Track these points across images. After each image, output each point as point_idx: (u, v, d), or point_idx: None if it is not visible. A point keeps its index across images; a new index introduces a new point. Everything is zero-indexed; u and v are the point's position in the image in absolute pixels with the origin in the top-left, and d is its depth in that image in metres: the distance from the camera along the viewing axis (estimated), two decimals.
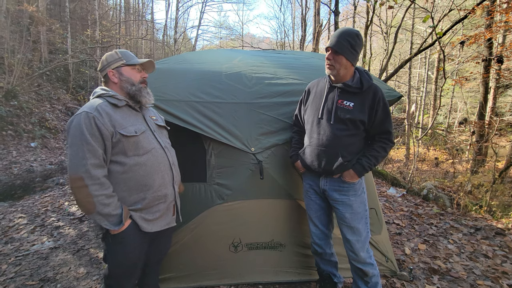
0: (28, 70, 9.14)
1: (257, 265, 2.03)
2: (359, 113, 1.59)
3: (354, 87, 1.61)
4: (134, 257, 1.34)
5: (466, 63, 10.02)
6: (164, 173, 1.40)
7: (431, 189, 4.34)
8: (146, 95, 1.42)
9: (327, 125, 1.64)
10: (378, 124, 1.62)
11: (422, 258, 2.48)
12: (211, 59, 2.42)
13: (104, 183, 1.21)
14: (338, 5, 7.55)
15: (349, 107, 1.60)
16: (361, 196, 1.70)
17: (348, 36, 1.57)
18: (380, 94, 1.61)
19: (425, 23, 8.64)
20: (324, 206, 1.79)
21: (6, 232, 3.13)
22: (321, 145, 1.66)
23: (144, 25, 18.57)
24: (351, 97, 1.62)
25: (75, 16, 13.90)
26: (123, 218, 1.24)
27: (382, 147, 1.63)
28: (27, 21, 9.87)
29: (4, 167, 6.24)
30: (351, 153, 1.63)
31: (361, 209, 1.68)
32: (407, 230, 3.09)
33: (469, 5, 7.23)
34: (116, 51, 1.43)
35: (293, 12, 18.75)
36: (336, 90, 1.66)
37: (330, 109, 1.65)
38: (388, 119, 1.62)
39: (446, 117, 15.18)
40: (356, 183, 1.67)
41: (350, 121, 1.59)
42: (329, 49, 1.60)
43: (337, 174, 1.66)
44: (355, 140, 1.64)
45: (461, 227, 3.14)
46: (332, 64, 1.60)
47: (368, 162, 1.61)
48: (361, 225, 1.67)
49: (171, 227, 1.49)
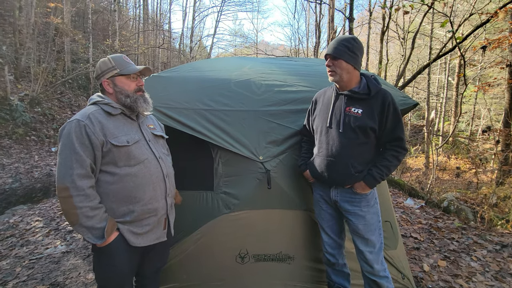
0: (52, 79, 9.62)
1: (265, 277, 1.96)
2: (369, 119, 1.53)
3: (362, 93, 1.56)
4: (122, 270, 1.29)
5: (489, 69, 9.58)
6: (156, 185, 1.34)
7: (452, 200, 4.10)
8: (143, 104, 1.37)
9: (336, 134, 1.60)
10: (389, 131, 1.55)
11: (442, 276, 2.31)
12: (221, 67, 2.42)
13: (89, 195, 1.18)
14: (352, 12, 7.46)
15: (358, 114, 1.56)
16: (374, 206, 1.64)
17: (343, 41, 1.56)
18: (390, 99, 1.55)
19: (444, 28, 8.39)
20: (335, 216, 1.74)
21: (23, 235, 3.23)
22: (330, 155, 1.61)
23: (161, 35, 19.18)
24: (359, 104, 1.57)
25: (97, 27, 14.59)
26: (106, 232, 1.19)
27: (394, 155, 1.56)
28: (53, 32, 10.44)
29: (26, 170, 6.52)
30: (361, 163, 1.57)
31: (374, 220, 1.63)
32: (425, 244, 2.92)
33: (491, 8, 6.94)
34: (110, 58, 1.37)
35: (307, 19, 18.76)
36: (343, 98, 1.62)
37: (338, 117, 1.61)
38: (400, 125, 1.56)
39: (468, 124, 14.52)
40: (368, 194, 1.61)
41: (359, 129, 1.54)
42: (327, 56, 1.60)
43: (348, 185, 1.60)
44: (366, 149, 1.58)
45: (486, 243, 2.93)
46: (333, 69, 1.58)
47: (379, 173, 1.54)
48: (374, 236, 1.62)
49: (163, 242, 1.43)
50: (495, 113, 12.54)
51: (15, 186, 5.78)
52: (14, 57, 8.99)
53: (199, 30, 23.35)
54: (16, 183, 5.89)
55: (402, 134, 1.56)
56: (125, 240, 1.27)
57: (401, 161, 1.60)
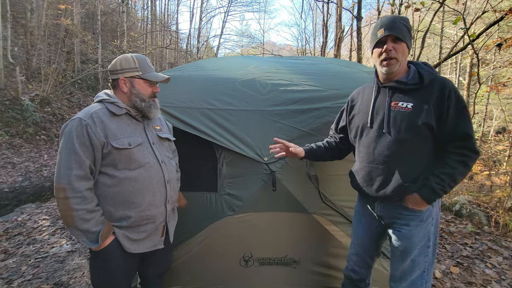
0: (62, 79, 9.78)
1: (269, 281, 1.91)
2: (423, 114, 1.21)
3: (411, 83, 1.25)
4: (117, 275, 1.25)
5: (503, 68, 9.30)
6: (156, 191, 1.29)
7: (465, 204, 3.96)
8: (154, 110, 1.36)
9: (379, 135, 1.30)
10: (452, 127, 1.20)
11: (455, 284, 2.22)
12: (226, 66, 2.38)
13: (86, 197, 1.15)
14: (360, 11, 7.34)
15: (407, 109, 1.24)
16: (427, 227, 1.29)
17: (402, 20, 1.25)
18: (451, 86, 1.22)
19: (456, 27, 8.17)
20: (375, 236, 1.46)
21: (30, 234, 3.26)
22: (372, 161, 1.32)
23: (168, 35, 19.34)
24: (408, 96, 1.26)
25: (106, 28, 14.80)
26: (100, 236, 1.16)
27: (460, 161, 1.20)
28: (63, 34, 10.63)
29: (36, 169, 6.64)
30: (415, 171, 1.25)
31: (422, 244, 1.29)
32: (437, 250, 2.82)
33: (505, 6, 6.72)
34: (133, 57, 1.32)
35: (314, 19, 18.64)
36: (387, 91, 1.31)
37: (381, 114, 1.31)
38: (466, 119, 1.20)
39: (480, 125, 14.15)
40: (424, 211, 1.27)
41: (411, 127, 1.23)
42: (389, 37, 1.23)
43: (397, 199, 1.29)
44: (420, 152, 1.26)
45: (501, 249, 2.80)
46: (394, 56, 1.23)
47: (440, 184, 1.19)
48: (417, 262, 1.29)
49: (160, 249, 1.37)
50: (509, 113, 12.18)
51: (25, 184, 5.88)
52: (25, 58, 9.19)
53: (206, 30, 23.50)
54: (26, 181, 5.99)
55: (470, 131, 1.21)
56: (121, 245, 1.23)
57: (470, 167, 1.22)
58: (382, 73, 1.32)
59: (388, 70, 1.27)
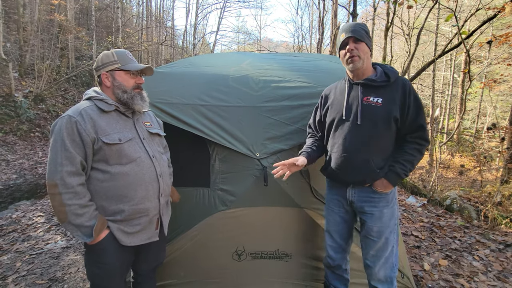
0: (56, 76, 9.68)
1: (262, 275, 1.95)
2: (391, 108, 1.41)
3: (380, 81, 1.45)
4: (112, 269, 1.28)
5: (496, 65, 9.40)
6: (149, 185, 1.31)
7: (455, 199, 4.04)
8: (140, 102, 1.35)
9: (353, 127, 1.47)
10: (411, 120, 1.43)
11: (443, 275, 2.28)
12: (219, 62, 2.39)
13: (78, 192, 1.17)
14: (356, 7, 7.36)
15: (378, 104, 1.43)
16: (392, 207, 1.53)
17: (360, 25, 1.47)
18: (411, 85, 1.45)
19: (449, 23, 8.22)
20: (347, 219, 1.63)
21: (25, 230, 3.26)
22: (347, 151, 1.48)
23: (164, 32, 19.17)
24: (377, 93, 1.45)
25: (101, 24, 14.62)
26: (94, 231, 1.18)
27: (416, 148, 1.44)
28: (56, 30, 10.48)
29: (31, 166, 6.59)
30: (383, 159, 1.46)
31: (391, 223, 1.51)
32: (427, 243, 2.88)
33: (498, 3, 6.78)
34: (113, 51, 1.35)
35: (311, 15, 18.61)
36: (359, 87, 1.49)
37: (355, 108, 1.48)
38: (421, 113, 1.43)
39: (474, 122, 14.32)
40: (389, 193, 1.50)
41: (381, 120, 1.42)
42: (350, 39, 1.45)
43: (368, 184, 1.49)
44: (386, 142, 1.47)
45: (489, 242, 2.88)
46: (356, 54, 1.43)
47: (403, 169, 1.42)
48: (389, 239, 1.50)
49: (157, 241, 1.41)
50: (502, 110, 12.34)
51: (19, 181, 5.85)
52: (18, 54, 9.06)
53: (202, 27, 23.33)
54: (20, 178, 5.95)
55: (424, 123, 1.44)
56: (115, 239, 1.25)
57: (423, 154, 1.47)
58: (349, 70, 1.52)
59: (353, 66, 1.46)
